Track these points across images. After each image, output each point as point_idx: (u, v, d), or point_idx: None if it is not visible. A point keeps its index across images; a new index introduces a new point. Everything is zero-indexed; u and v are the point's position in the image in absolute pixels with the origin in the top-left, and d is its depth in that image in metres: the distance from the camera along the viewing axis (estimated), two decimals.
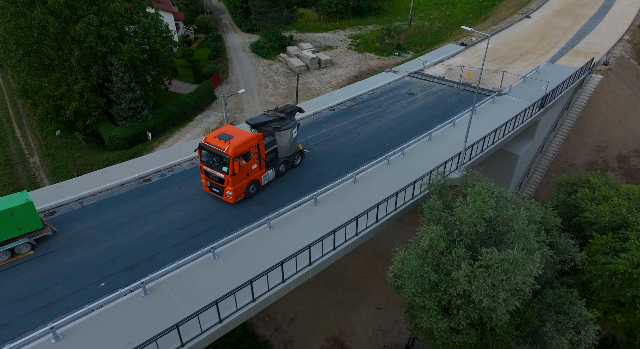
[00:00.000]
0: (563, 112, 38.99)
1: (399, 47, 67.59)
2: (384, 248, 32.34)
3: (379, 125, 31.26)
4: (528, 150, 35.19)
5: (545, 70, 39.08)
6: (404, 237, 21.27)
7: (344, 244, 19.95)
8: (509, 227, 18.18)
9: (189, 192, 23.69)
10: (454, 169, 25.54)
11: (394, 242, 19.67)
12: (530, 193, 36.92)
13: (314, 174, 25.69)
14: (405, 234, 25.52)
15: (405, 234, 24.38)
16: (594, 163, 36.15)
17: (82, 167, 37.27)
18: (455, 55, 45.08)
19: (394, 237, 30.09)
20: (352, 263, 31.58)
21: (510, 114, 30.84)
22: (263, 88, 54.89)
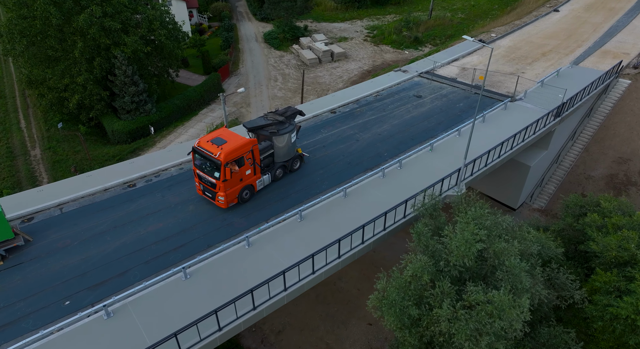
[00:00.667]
0: (583, 119, 36.52)
1: (416, 40, 65.06)
2: (381, 259, 31.06)
3: (380, 131, 29.70)
4: (541, 160, 33.10)
5: (567, 73, 36.55)
6: (404, 248, 19.96)
7: (324, 268, 18.80)
8: (501, 261, 16.71)
9: (172, 201, 22.84)
10: (454, 184, 23.94)
11: (394, 253, 18.71)
12: (543, 205, 34.89)
13: (305, 184, 24.47)
14: (406, 245, 24.19)
15: (406, 245, 23.04)
16: (614, 176, 33.80)
17: (82, 161, 36.97)
18: (471, 53, 42.74)
19: (394, 247, 28.90)
20: (347, 273, 30.43)
21: (522, 123, 28.85)
22: (272, 81, 53.58)
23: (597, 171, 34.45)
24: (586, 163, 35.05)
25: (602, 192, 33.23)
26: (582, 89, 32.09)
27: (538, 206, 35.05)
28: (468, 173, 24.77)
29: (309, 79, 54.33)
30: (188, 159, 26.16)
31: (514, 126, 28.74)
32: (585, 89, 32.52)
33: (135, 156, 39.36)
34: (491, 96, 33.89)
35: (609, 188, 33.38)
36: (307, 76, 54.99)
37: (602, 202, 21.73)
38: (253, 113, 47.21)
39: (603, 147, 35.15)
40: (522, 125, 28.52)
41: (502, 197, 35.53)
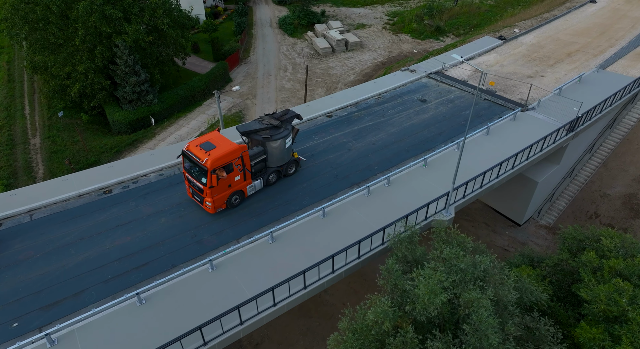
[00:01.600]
0: (604, 131, 33.68)
1: (438, 29, 61.78)
2: (372, 271, 29.80)
3: (375, 140, 28.01)
4: (551, 175, 30.76)
5: (591, 79, 33.61)
6: None
7: (286, 300, 17.73)
8: (471, 312, 15.23)
9: (145, 212, 22.08)
10: (442, 208, 22.28)
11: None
12: (551, 222, 32.67)
13: (285, 199, 23.26)
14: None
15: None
16: (633, 196, 31.18)
17: (79, 153, 36.76)
18: (489, 51, 39.92)
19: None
20: (334, 285, 29.34)
21: (530, 137, 26.68)
22: (282, 71, 51.96)
23: (614, 188, 31.86)
24: (603, 179, 32.46)
25: (617, 213, 30.83)
26: (604, 101, 29.36)
27: (546, 223, 32.88)
28: (460, 195, 22.99)
29: (319, 70, 52.45)
30: (169, 165, 25.33)
31: (520, 141, 26.59)
32: (607, 100, 29.77)
33: (133, 148, 38.97)
34: (502, 103, 31.51)
35: (626, 209, 30.87)
36: (319, 67, 53.12)
37: (603, 239, 19.70)
38: (258, 105, 45.96)
39: (623, 163, 32.40)
40: (529, 140, 26.35)
41: (507, 211, 33.48)
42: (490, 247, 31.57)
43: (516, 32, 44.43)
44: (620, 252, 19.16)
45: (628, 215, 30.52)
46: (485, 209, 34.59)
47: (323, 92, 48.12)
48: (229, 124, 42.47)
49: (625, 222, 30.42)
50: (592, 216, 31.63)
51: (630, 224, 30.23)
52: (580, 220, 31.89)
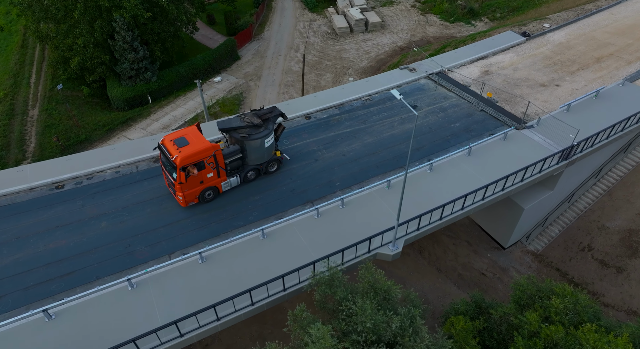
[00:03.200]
0: (617, 155, 30.12)
1: (471, 11, 56.80)
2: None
3: (346, 150, 26.32)
4: (543, 201, 28.11)
5: (612, 94, 29.82)
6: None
7: (194, 332, 17.23)
8: None
9: (88, 214, 21.94)
10: (389, 241, 20.74)
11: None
12: (539, 248, 30.21)
13: (232, 212, 22.41)
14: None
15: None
16: (634, 233, 28.08)
17: (71, 129, 37.18)
18: (506, 50, 36.16)
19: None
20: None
21: (516, 162, 24.18)
22: (292, 51, 49.85)
23: (615, 221, 28.78)
24: (604, 209, 29.35)
25: (613, 249, 28.01)
26: (611, 126, 25.97)
27: (533, 249, 30.44)
28: (414, 227, 21.27)
29: (332, 52, 49.92)
30: (127, 162, 24.93)
31: (503, 166, 24.17)
32: (617, 124, 26.34)
33: (126, 126, 39.00)
34: (499, 117, 28.61)
35: (623, 246, 27.92)
36: (332, 48, 50.55)
37: (553, 298, 17.69)
38: (261, 88, 44.56)
39: (631, 194, 29.04)
40: (514, 166, 23.88)
41: (494, 232, 31.23)
42: (467, 270, 29.84)
43: (545, 27, 39.91)
44: (568, 316, 17.22)
45: (624, 253, 27.63)
46: (471, 226, 32.44)
47: (330, 78, 45.93)
48: (226, 107, 41.58)
49: (619, 261, 27.60)
50: (584, 249, 28.92)
51: (625, 263, 27.40)
52: (571, 251, 29.27)
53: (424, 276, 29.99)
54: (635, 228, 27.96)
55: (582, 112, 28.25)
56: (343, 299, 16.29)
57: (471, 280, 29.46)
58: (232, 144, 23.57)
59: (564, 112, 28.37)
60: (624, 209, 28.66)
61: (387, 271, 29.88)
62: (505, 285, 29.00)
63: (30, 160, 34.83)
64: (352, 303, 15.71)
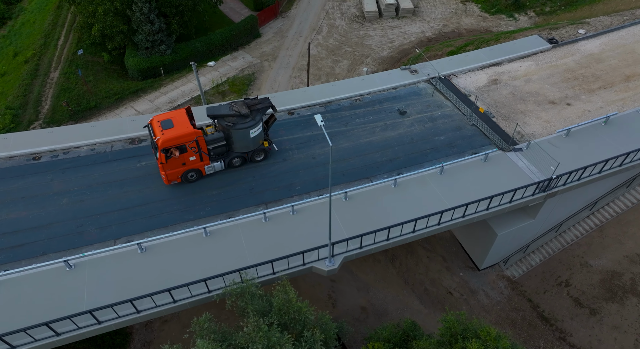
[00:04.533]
0: (620, 187, 27.63)
1: (516, 3, 52.52)
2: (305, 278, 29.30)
3: (318, 153, 25.88)
4: (522, 229, 26.58)
5: (625, 122, 27.14)
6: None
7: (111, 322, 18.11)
8: None
9: (55, 188, 23.16)
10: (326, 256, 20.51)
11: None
12: (516, 275, 28.79)
13: (187, 204, 22.85)
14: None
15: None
16: (617, 276, 26.04)
17: (85, 95, 38.81)
18: (526, 57, 33.41)
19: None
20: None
21: (490, 188, 22.83)
22: (315, 33, 48.71)
23: (599, 260, 26.75)
24: (591, 246, 27.28)
25: (591, 289, 26.26)
26: (606, 161, 23.74)
27: (510, 274, 29.06)
28: (356, 245, 20.85)
29: (355, 37, 48.30)
30: (104, 141, 25.88)
31: (473, 190, 22.92)
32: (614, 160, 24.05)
33: (136, 97, 40.23)
34: (489, 134, 26.87)
35: (603, 288, 26.04)
36: (356, 33, 48.88)
37: (472, 341, 16.97)
38: (274, 70, 44.22)
39: (623, 234, 26.72)
40: (486, 191, 22.57)
41: (471, 251, 30.05)
42: (434, 286, 29.14)
43: (579, 34, 36.33)
44: None
45: (602, 295, 25.79)
46: (451, 241, 31.34)
47: (346, 66, 44.71)
48: (236, 86, 41.76)
49: (595, 302, 25.84)
50: (561, 283, 27.25)
51: (600, 306, 25.61)
52: (548, 283, 27.69)
53: (390, 285, 29.57)
54: (619, 271, 25.89)
55: (582, 140, 26.00)
56: (246, 315, 16.51)
57: (436, 297, 28.74)
58: (219, 131, 23.95)
59: (562, 137, 26.23)
60: (612, 249, 26.52)
61: (353, 275, 29.80)
62: (471, 307, 28.09)
63: (42, 122, 36.97)
64: (248, 321, 15.86)
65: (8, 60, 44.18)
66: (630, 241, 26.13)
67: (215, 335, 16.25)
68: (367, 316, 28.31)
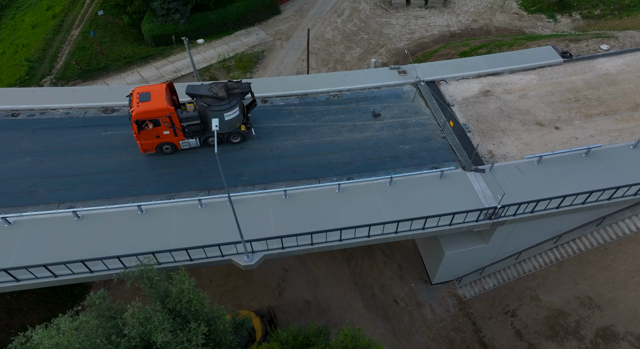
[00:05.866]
0: (589, 224, 25.82)
1: (561, 2, 48.25)
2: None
3: (276, 146, 25.90)
4: (474, 252, 25.70)
5: (610, 157, 24.97)
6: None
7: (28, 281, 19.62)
8: None
9: (21, 146, 24.73)
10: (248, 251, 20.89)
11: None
12: (468, 296, 28.04)
13: (134, 180, 23.88)
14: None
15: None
16: (563, 315, 24.71)
17: (96, 56, 40.47)
18: (530, 69, 31.13)
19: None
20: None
21: (435, 207, 22.16)
22: (335, 15, 47.58)
23: (550, 296, 25.43)
24: (547, 280, 25.92)
25: (535, 324, 25.28)
26: (563, 196, 22.20)
27: (461, 294, 28.33)
28: (277, 245, 21.08)
29: (375, 25, 46.75)
30: (79, 106, 27.20)
31: (417, 207, 22.36)
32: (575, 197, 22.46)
33: (144, 63, 41.51)
34: (457, 150, 25.70)
35: (546, 325, 24.90)
36: (377, 21, 47.27)
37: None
38: (284, 50, 43.96)
39: (581, 274, 25.11)
40: (430, 210, 21.94)
41: (428, 264, 29.46)
42: (383, 292, 29.13)
43: (601, 49, 33.17)
44: None
45: (544, 332, 24.69)
46: (412, 250, 30.79)
47: (357, 54, 43.61)
48: (242, 63, 42.03)
49: (535, 338, 24.82)
50: (508, 312, 26.28)
51: (540, 342, 24.58)
52: (495, 310, 26.81)
53: (340, 284, 29.74)
54: (566, 311, 24.55)
55: (553, 169, 24.32)
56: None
57: (381, 304, 28.64)
58: (195, 110, 24.52)
59: (533, 164, 24.65)
60: (565, 287, 25.10)
61: (307, 268, 30.19)
62: (413, 319, 27.85)
63: (53, 77, 39.13)
64: (133, 304, 16.66)
65: (41, 13, 46.53)
66: (585, 282, 24.59)
67: (108, 312, 17.18)
68: (309, 310, 28.79)
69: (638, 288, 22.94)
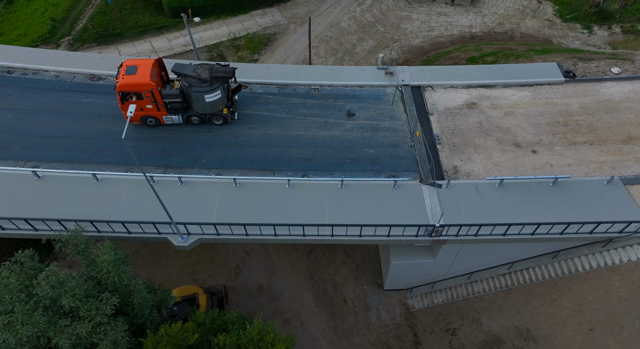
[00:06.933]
0: (545, 256, 24.81)
1: (601, 12, 44.88)
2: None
3: (242, 133, 26.33)
4: (421, 266, 25.46)
5: (580, 190, 23.70)
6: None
7: None
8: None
9: (7, 102, 26.44)
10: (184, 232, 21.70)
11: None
12: (416, 307, 27.86)
13: (99, 148, 25.08)
14: None
15: None
16: (497, 344, 24.10)
17: (112, 22, 41.89)
18: (525, 85, 29.59)
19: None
20: None
21: (380, 216, 22.10)
22: (355, 4, 46.65)
23: (491, 321, 24.86)
24: (492, 305, 25.30)
25: (472, 346, 25.04)
26: (509, 225, 21.44)
27: (410, 304, 28.20)
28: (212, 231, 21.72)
29: (394, 18, 45.52)
30: (68, 71, 28.60)
31: (361, 213, 22.36)
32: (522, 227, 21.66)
33: (158, 33, 42.64)
34: (420, 162, 25.18)
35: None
36: (397, 14, 45.99)
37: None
38: (296, 35, 43.78)
39: (524, 305, 24.28)
40: (374, 217, 21.99)
41: (383, 270, 29.37)
42: (335, 290, 29.53)
43: (611, 72, 30.89)
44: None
45: None
46: (373, 252, 30.71)
47: (368, 47, 42.79)
48: (251, 43, 42.26)
49: None
50: (449, 330, 25.98)
51: None
52: (438, 326, 26.56)
53: (295, 274, 30.27)
54: (503, 339, 23.96)
55: (514, 195, 23.42)
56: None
57: (330, 301, 28.99)
58: (178, 88, 25.16)
59: (494, 186, 23.83)
60: (507, 315, 24.43)
61: (268, 254, 30.89)
62: (357, 321, 28.10)
63: (71, 38, 41.03)
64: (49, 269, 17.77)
65: None
66: (527, 314, 23.82)
67: (31, 271, 18.52)
68: (261, 295, 29.59)
69: (576, 328, 22.04)
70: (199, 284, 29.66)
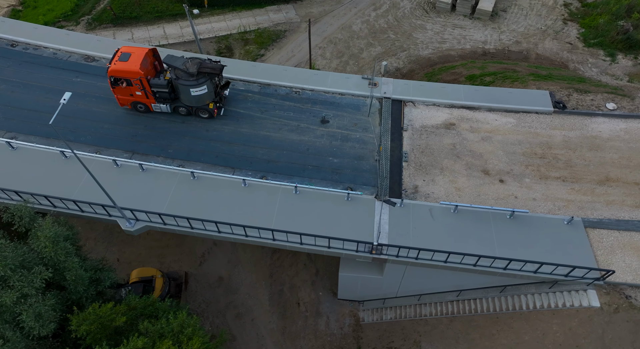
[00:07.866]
0: (493, 289, 24.18)
1: (629, 40, 42.52)
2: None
3: (213, 128, 26.96)
4: (367, 281, 25.50)
5: (537, 226, 23.01)
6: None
7: None
8: None
9: (3, 74, 28.12)
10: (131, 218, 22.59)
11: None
12: (367, 321, 27.81)
13: (74, 127, 26.33)
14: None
15: None
16: None
17: (130, 5, 43.36)
18: (510, 111, 28.66)
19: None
20: None
21: (326, 228, 22.30)
22: (370, 9, 46.27)
23: (430, 346, 24.54)
24: (435, 330, 24.94)
25: None
26: (449, 253, 21.09)
27: (361, 317, 28.18)
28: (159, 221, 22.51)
29: (408, 27, 44.85)
30: (66, 49, 30.09)
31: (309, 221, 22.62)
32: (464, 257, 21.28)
33: (172, 20, 43.83)
34: (380, 177, 25.04)
35: None
36: (411, 23, 45.29)
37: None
38: (305, 34, 43.87)
39: (464, 335, 23.76)
40: (322, 227, 22.22)
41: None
42: (291, 292, 29.95)
43: (606, 108, 29.36)
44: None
45: None
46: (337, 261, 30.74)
47: (376, 53, 42.43)
48: (260, 38, 42.77)
49: None
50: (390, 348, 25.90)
51: None
52: (381, 343, 26.44)
53: (257, 271, 30.83)
54: None
55: (467, 223, 22.99)
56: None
57: (284, 302, 29.38)
58: (166, 79, 25.92)
59: (449, 211, 23.44)
60: (446, 343, 24.03)
61: (234, 248, 31.53)
62: (306, 325, 28.38)
63: (90, 18, 42.82)
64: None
65: None
66: (464, 345, 23.39)
67: None
68: (219, 286, 30.35)
69: None
70: (164, 267, 30.73)
